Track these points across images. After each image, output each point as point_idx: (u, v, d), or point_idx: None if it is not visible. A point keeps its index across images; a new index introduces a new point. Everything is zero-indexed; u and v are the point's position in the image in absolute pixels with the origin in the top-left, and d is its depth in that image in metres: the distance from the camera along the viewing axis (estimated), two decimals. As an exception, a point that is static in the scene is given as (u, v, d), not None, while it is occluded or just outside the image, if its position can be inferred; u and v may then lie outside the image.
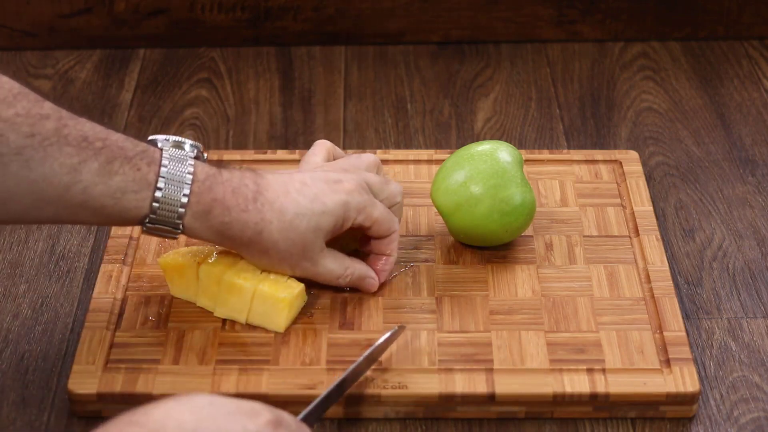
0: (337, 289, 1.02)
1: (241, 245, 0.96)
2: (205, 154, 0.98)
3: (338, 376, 0.92)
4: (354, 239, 1.02)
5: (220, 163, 0.96)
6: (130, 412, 0.74)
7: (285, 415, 0.79)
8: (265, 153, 1.19)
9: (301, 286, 0.99)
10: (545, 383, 0.94)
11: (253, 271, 0.98)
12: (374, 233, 1.00)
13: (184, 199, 0.92)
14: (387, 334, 0.95)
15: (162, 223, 0.93)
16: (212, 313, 1.00)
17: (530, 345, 0.98)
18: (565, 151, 1.19)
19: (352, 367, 0.92)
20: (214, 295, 0.99)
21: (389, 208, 1.01)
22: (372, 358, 0.95)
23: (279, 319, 0.98)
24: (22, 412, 0.95)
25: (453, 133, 1.28)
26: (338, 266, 0.99)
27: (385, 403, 0.94)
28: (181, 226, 0.93)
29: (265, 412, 0.77)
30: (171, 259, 1.00)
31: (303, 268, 0.98)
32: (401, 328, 0.97)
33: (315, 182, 0.97)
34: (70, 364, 0.97)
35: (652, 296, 1.02)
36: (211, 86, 1.35)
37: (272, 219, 0.94)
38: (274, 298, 0.97)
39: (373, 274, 1.01)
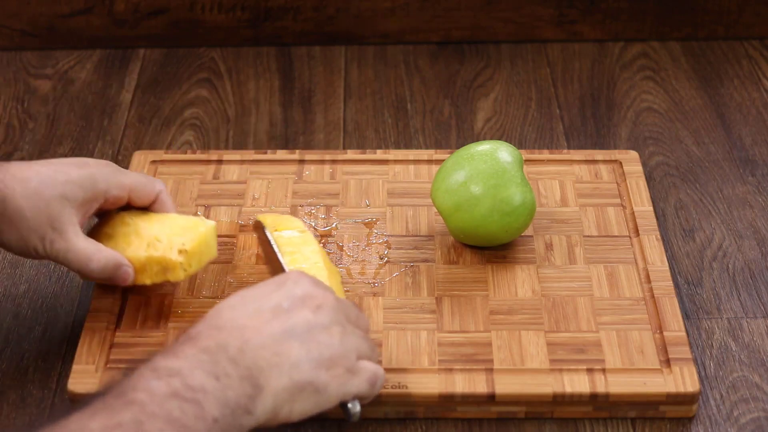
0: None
1: None
2: None
3: None
4: None
5: None
6: (204, 320, 0.84)
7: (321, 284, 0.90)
8: (265, 153, 1.19)
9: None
10: (545, 383, 0.94)
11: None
12: (138, 200, 1.00)
13: None
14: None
15: None
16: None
17: (530, 345, 0.98)
18: (565, 151, 1.19)
19: None
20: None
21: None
22: None
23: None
24: (22, 412, 0.95)
25: (453, 133, 1.28)
26: (90, 247, 0.96)
27: (385, 403, 0.94)
28: None
29: (314, 293, 0.88)
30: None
31: (53, 241, 0.95)
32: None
33: (61, 161, 0.98)
34: (70, 364, 0.97)
35: (652, 296, 1.02)
36: (211, 86, 1.35)
37: (15, 186, 0.94)
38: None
39: (127, 262, 0.98)
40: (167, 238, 0.98)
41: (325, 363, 0.85)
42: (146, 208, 1.02)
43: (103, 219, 1.02)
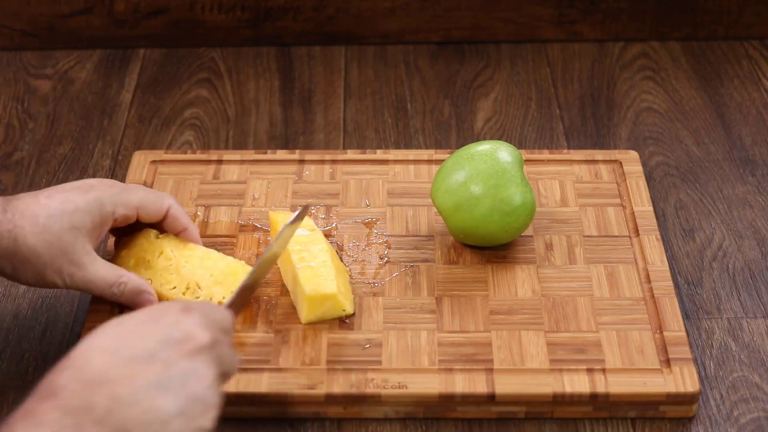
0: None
1: (4, 259, 0.94)
2: None
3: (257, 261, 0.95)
4: None
5: None
6: (70, 366, 0.76)
7: (194, 303, 0.82)
8: (265, 153, 1.19)
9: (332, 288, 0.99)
10: (545, 383, 0.95)
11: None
12: (147, 217, 1.00)
13: None
14: (294, 215, 0.96)
15: None
16: None
17: (530, 345, 0.98)
18: (565, 151, 1.19)
19: (270, 245, 0.95)
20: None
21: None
22: (285, 238, 0.96)
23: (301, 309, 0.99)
24: (22, 412, 0.95)
25: (453, 133, 1.28)
26: (110, 273, 0.96)
27: (385, 403, 0.94)
28: None
29: (174, 305, 0.81)
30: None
31: (71, 274, 0.95)
32: (306, 208, 0.97)
33: (65, 188, 0.96)
34: (70, 364, 0.97)
35: (652, 296, 1.02)
36: (211, 86, 1.35)
37: (24, 225, 0.93)
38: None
39: (150, 289, 0.98)
40: (207, 288, 0.99)
41: (198, 417, 0.77)
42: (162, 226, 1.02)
43: (135, 240, 1.02)
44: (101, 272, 0.96)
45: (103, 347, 0.77)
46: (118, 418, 0.74)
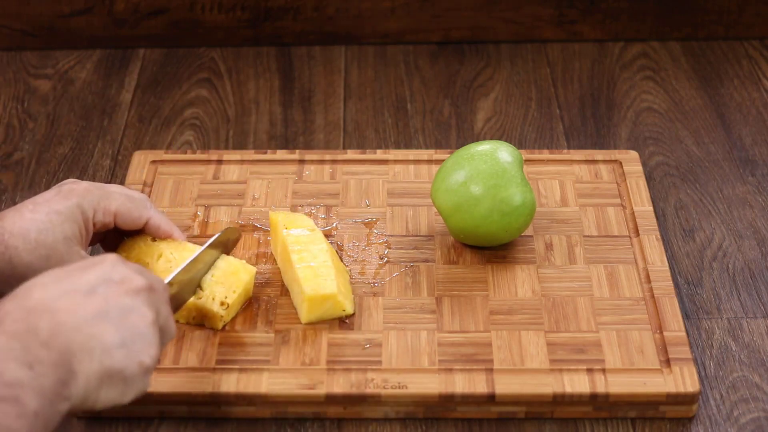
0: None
1: (2, 282, 0.93)
2: None
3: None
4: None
5: None
6: (12, 299, 0.79)
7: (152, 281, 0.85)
8: (265, 153, 1.19)
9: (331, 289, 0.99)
10: (545, 383, 0.95)
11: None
12: (124, 225, 0.99)
13: None
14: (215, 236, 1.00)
15: None
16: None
17: (530, 345, 0.98)
18: (565, 151, 1.19)
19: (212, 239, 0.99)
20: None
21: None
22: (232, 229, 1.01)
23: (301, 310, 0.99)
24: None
25: (453, 133, 1.28)
26: None
27: (385, 403, 0.94)
28: None
29: (110, 256, 0.84)
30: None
31: None
32: (228, 230, 1.02)
33: (45, 197, 0.96)
34: (70, 364, 0.97)
35: (652, 296, 1.02)
36: (211, 86, 1.35)
37: (17, 244, 0.93)
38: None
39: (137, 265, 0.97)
40: (209, 288, 0.99)
41: (139, 352, 0.80)
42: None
43: (132, 244, 1.01)
44: None
45: (43, 283, 0.80)
46: (62, 340, 0.77)
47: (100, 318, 0.79)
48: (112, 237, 1.03)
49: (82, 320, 0.78)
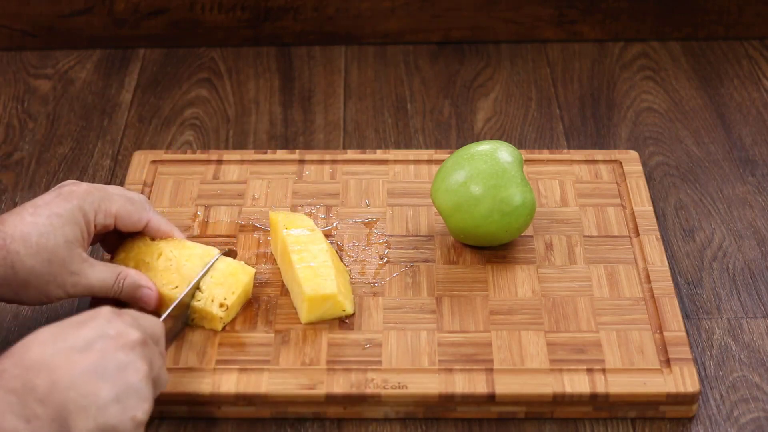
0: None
1: (3, 286, 0.93)
2: None
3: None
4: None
5: None
6: (10, 356, 0.81)
7: (125, 309, 0.86)
8: (265, 153, 1.19)
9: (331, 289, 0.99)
10: (545, 383, 0.94)
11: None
12: (124, 228, 1.00)
13: None
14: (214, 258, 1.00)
15: None
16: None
17: (530, 345, 0.98)
18: (565, 151, 1.19)
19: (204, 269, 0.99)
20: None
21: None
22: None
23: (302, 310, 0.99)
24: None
25: (453, 133, 1.28)
26: (108, 273, 0.97)
27: (385, 403, 0.94)
28: None
29: (105, 309, 0.85)
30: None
31: (74, 284, 0.95)
32: (228, 252, 1.02)
33: (45, 200, 0.96)
34: (70, 364, 0.97)
35: (652, 296, 1.02)
36: (211, 86, 1.35)
37: (18, 249, 0.92)
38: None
39: (149, 283, 0.98)
40: (208, 289, 0.99)
41: (133, 407, 0.81)
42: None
43: (132, 244, 1.02)
44: (101, 274, 0.96)
45: (40, 341, 0.81)
46: (58, 398, 0.78)
47: (95, 374, 0.81)
48: (111, 237, 1.03)
49: (78, 377, 0.80)
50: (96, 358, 0.81)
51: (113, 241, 1.03)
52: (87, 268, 0.95)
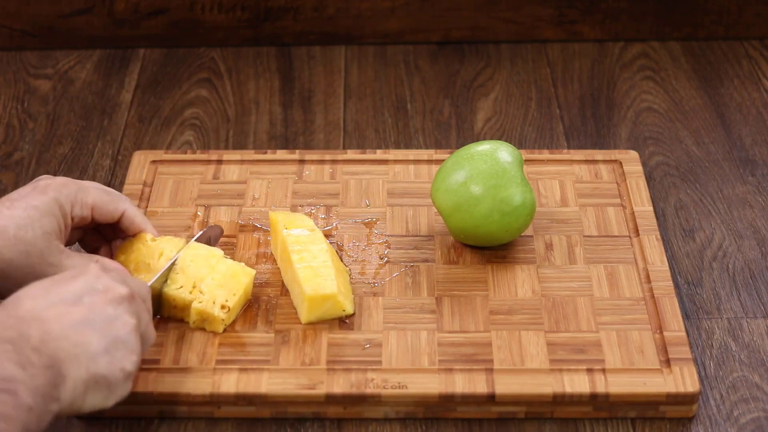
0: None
1: None
2: None
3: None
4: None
5: None
6: (2, 309, 0.83)
7: (111, 264, 0.91)
8: (265, 153, 1.19)
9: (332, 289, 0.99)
10: (545, 383, 0.95)
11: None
12: (101, 218, 1.00)
13: None
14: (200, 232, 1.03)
15: None
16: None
17: (530, 345, 0.98)
18: (565, 151, 1.19)
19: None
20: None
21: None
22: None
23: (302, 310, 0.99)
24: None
25: (453, 133, 1.28)
26: (84, 261, 0.97)
27: (385, 403, 0.94)
28: None
29: (93, 265, 0.88)
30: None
31: (52, 275, 0.94)
32: (210, 228, 1.05)
33: (21, 193, 0.96)
34: (70, 364, 0.97)
35: (652, 296, 1.02)
36: (211, 86, 1.35)
37: None
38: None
39: (120, 268, 0.98)
40: (209, 291, 0.99)
41: (122, 359, 0.85)
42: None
43: (132, 246, 1.02)
44: (77, 263, 0.96)
45: (31, 294, 0.84)
46: (51, 347, 0.81)
47: (85, 326, 0.84)
48: (90, 236, 1.03)
49: (69, 329, 0.83)
50: (85, 310, 0.84)
51: (92, 241, 1.03)
52: (63, 258, 0.96)
